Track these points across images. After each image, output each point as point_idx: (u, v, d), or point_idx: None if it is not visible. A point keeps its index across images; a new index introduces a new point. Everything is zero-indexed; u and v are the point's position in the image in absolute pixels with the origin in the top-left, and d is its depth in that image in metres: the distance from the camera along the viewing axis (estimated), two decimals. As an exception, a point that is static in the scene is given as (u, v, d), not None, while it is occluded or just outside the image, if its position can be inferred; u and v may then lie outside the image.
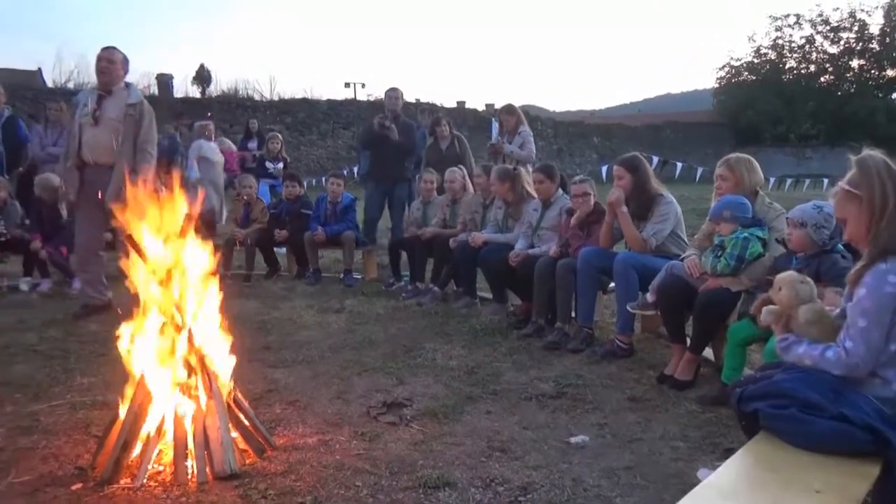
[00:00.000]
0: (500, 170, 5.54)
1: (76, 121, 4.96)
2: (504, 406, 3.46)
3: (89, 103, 4.95)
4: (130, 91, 5.11)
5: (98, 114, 4.90)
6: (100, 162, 4.94)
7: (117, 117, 4.91)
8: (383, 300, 5.93)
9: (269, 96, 24.52)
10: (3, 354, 4.21)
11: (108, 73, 4.93)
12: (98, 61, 4.94)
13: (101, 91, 4.97)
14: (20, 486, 2.57)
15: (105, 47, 4.99)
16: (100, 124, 4.91)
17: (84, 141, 4.92)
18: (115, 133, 4.90)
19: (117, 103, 4.95)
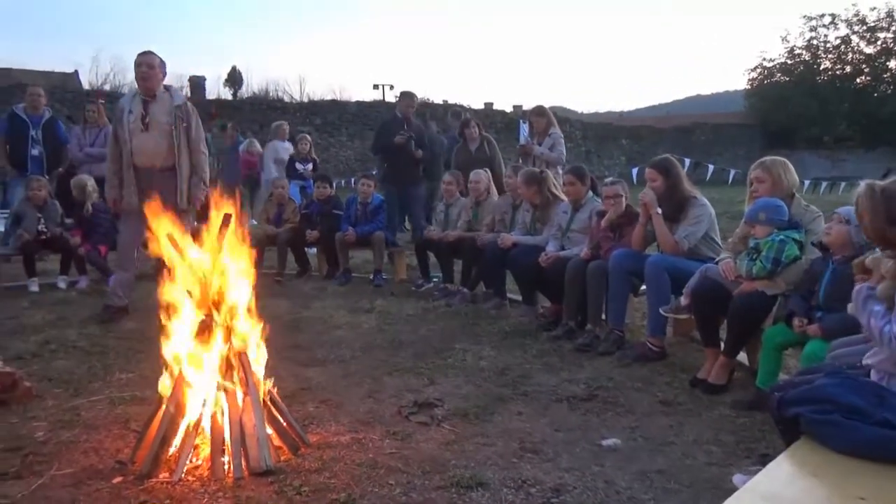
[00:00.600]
0: (527, 173, 5.54)
1: (125, 126, 4.97)
2: (535, 407, 3.46)
3: (135, 109, 4.99)
4: (173, 94, 5.17)
5: (147, 119, 4.95)
6: (156, 166, 4.99)
7: (168, 121, 4.98)
8: (413, 301, 5.96)
9: (299, 98, 24.81)
10: (44, 350, 4.31)
11: (150, 78, 4.97)
12: (138, 67, 4.97)
13: (145, 96, 5.02)
14: (63, 478, 2.64)
15: (143, 52, 5.03)
16: (150, 129, 4.96)
17: (135, 146, 4.96)
18: (167, 136, 4.97)
19: (164, 107, 5.01)
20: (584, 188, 5.14)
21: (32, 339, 4.54)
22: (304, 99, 24.96)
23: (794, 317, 3.19)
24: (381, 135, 7.63)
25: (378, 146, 7.76)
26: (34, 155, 7.13)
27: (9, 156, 7.31)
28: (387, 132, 7.52)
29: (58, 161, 7.39)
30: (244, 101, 23.25)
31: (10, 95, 17.17)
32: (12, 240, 6.18)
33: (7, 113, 7.69)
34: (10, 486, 2.56)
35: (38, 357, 4.19)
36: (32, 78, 20.64)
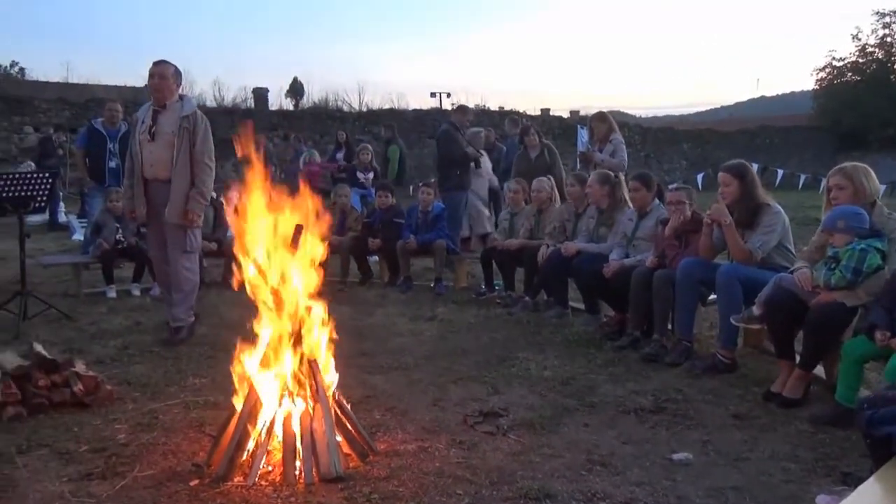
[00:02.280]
0: (602, 173, 5.48)
1: (136, 138, 4.88)
2: (602, 419, 3.41)
3: (147, 120, 4.87)
4: (184, 103, 4.94)
5: (154, 129, 4.80)
6: (159, 178, 4.82)
7: (172, 131, 4.77)
8: (474, 309, 5.96)
9: (358, 107, 25.19)
10: (122, 355, 4.50)
11: (161, 88, 4.82)
12: (150, 77, 4.83)
13: (156, 106, 4.86)
14: (144, 479, 2.74)
15: (156, 62, 4.86)
16: (156, 140, 4.80)
17: (144, 157, 4.83)
18: (170, 147, 4.77)
19: (171, 117, 4.82)
20: (649, 195, 5.05)
21: (111, 344, 4.74)
22: (362, 108, 25.34)
23: (875, 329, 3.05)
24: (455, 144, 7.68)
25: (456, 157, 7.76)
26: (112, 167, 7.46)
27: (88, 168, 7.68)
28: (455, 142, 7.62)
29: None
30: (305, 112, 23.75)
31: (86, 110, 18.06)
32: (92, 248, 6.48)
33: (86, 127, 8.09)
34: (96, 486, 2.68)
35: (117, 361, 4.36)
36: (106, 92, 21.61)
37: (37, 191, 5.30)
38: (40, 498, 2.59)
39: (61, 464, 2.89)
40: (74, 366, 3.62)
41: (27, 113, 17.87)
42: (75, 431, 3.22)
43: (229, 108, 21.36)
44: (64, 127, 15.98)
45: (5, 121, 17.43)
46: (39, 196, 5.34)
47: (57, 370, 3.53)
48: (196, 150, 4.80)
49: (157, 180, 4.83)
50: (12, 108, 17.78)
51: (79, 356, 4.07)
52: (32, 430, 3.21)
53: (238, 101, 23.02)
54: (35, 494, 2.61)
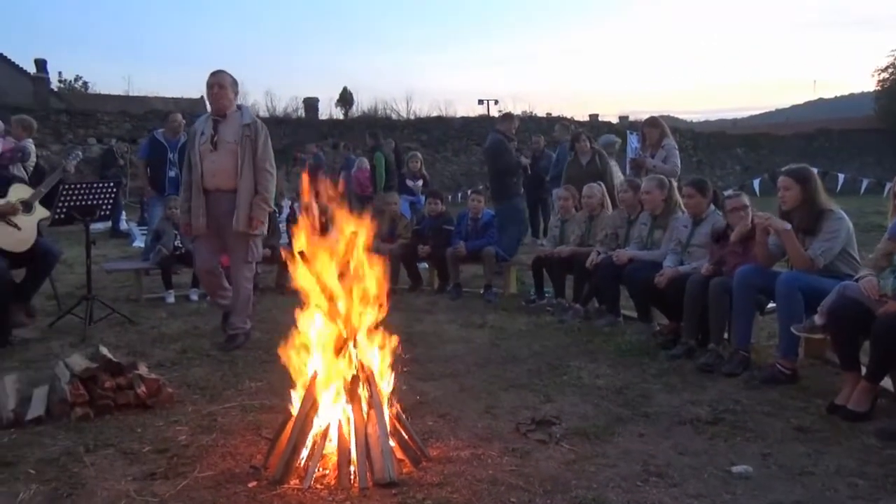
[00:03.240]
0: (659, 179, 5.41)
1: (196, 149, 4.88)
2: (657, 429, 3.35)
3: (206, 130, 4.89)
4: (244, 112, 5.00)
5: (216, 139, 4.83)
6: (221, 188, 4.85)
7: (234, 140, 4.82)
8: (524, 316, 5.93)
9: (406, 115, 25.39)
10: (182, 358, 4.63)
11: (221, 98, 4.85)
12: (210, 87, 4.86)
13: (216, 116, 4.90)
14: (204, 480, 2.81)
15: (214, 72, 4.90)
16: (218, 149, 4.82)
17: (205, 168, 4.85)
18: (234, 156, 4.81)
19: (232, 126, 4.86)
20: (704, 201, 4.95)
21: (171, 348, 4.89)
22: (410, 116, 25.53)
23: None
24: (508, 154, 7.78)
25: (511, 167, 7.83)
26: (171, 176, 7.70)
27: (149, 178, 7.95)
28: (507, 152, 7.76)
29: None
30: (354, 121, 24.07)
31: (145, 121, 18.72)
32: (153, 255, 6.70)
33: (148, 138, 8.38)
34: (159, 486, 2.76)
35: (177, 365, 4.49)
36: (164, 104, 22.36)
37: (102, 200, 5.52)
38: (107, 496, 2.68)
39: (126, 463, 2.99)
40: (138, 368, 3.74)
41: (90, 125, 18.62)
42: (139, 432, 3.33)
43: (281, 118, 21.82)
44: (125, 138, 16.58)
45: (70, 133, 18.19)
46: (105, 205, 5.56)
47: (122, 373, 3.65)
48: (258, 157, 4.87)
49: (219, 190, 4.86)
50: (77, 121, 18.57)
51: (141, 359, 4.20)
52: (99, 431, 3.33)
53: (289, 111, 23.49)
54: (102, 492, 2.70)
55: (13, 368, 4.31)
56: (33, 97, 20.59)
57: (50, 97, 22.04)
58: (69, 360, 3.80)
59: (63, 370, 3.70)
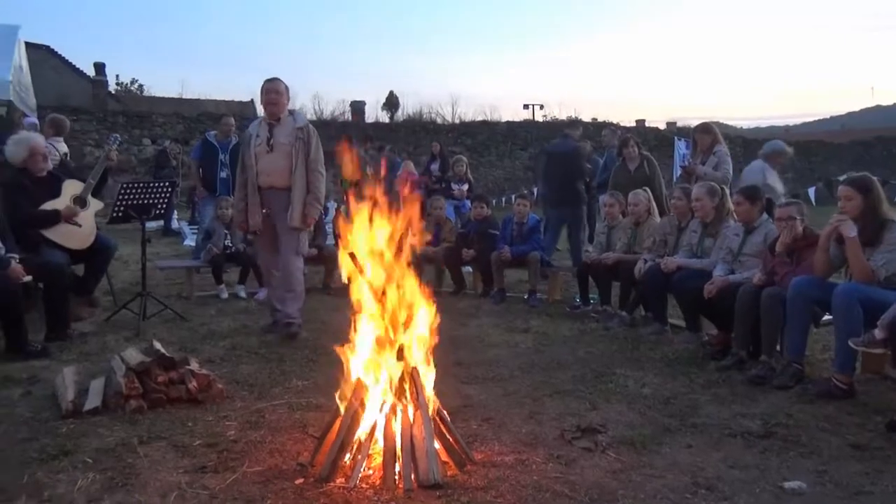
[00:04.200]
0: (711, 186, 5.31)
1: (251, 151, 5.17)
2: (706, 441, 3.28)
3: (261, 133, 5.18)
4: (296, 116, 5.32)
5: (272, 142, 5.13)
6: (276, 186, 5.14)
7: (289, 142, 5.12)
8: (569, 322, 5.89)
9: (451, 119, 25.49)
10: (231, 355, 4.73)
11: (277, 103, 5.16)
12: (266, 93, 5.17)
13: (271, 120, 5.20)
14: (253, 475, 2.86)
15: (270, 79, 5.22)
16: (274, 151, 5.13)
17: (260, 168, 5.15)
18: (288, 157, 5.10)
19: (286, 129, 5.16)
20: (754, 210, 4.83)
21: (221, 345, 4.99)
22: (455, 120, 25.63)
23: None
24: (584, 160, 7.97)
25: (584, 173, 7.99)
26: (222, 177, 7.90)
27: (201, 178, 8.15)
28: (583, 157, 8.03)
29: (241, 182, 8.12)
30: (399, 124, 24.27)
31: (198, 123, 19.22)
32: (203, 253, 6.86)
33: (200, 140, 8.60)
34: (209, 479, 2.82)
35: (226, 361, 4.59)
36: (216, 107, 22.91)
37: (158, 199, 5.68)
38: (159, 487, 2.75)
39: (178, 456, 3.06)
40: (189, 364, 3.83)
41: (145, 126, 19.21)
42: (189, 426, 3.40)
43: (328, 121, 22.14)
44: (178, 139, 17.03)
45: (126, 134, 18.77)
46: (160, 204, 5.72)
47: (174, 367, 3.75)
48: (310, 159, 5.16)
49: (274, 188, 5.16)
50: (132, 122, 19.18)
51: (192, 355, 4.31)
52: (152, 423, 3.42)
53: (336, 114, 23.85)
54: (155, 483, 2.78)
55: (72, 361, 4.46)
56: (92, 99, 21.37)
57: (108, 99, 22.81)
58: (124, 354, 3.92)
59: (119, 363, 3.82)
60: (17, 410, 3.60)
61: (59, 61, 25.32)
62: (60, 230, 5.31)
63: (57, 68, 24.49)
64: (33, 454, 3.03)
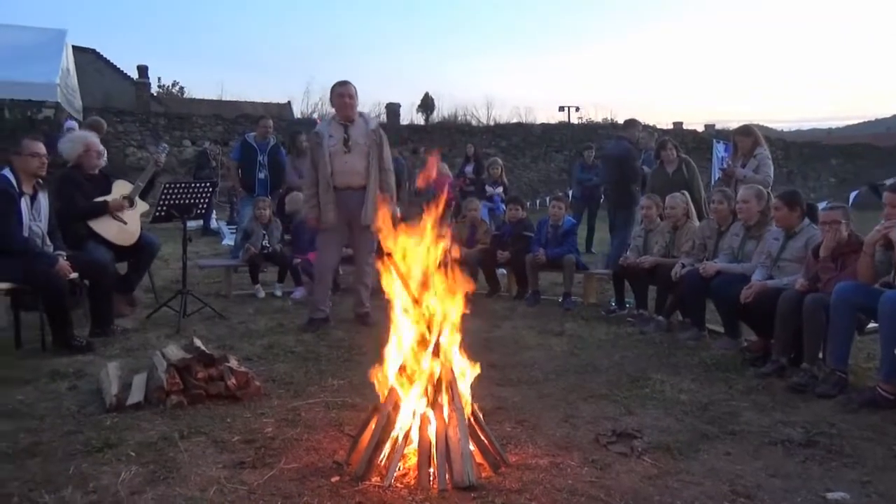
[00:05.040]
0: (758, 189, 5.23)
1: (325, 150, 5.40)
2: (745, 448, 3.22)
3: (335, 134, 5.44)
4: (368, 119, 5.63)
5: (349, 142, 5.41)
6: (352, 185, 5.43)
7: (365, 143, 5.42)
8: (604, 326, 5.84)
9: (486, 121, 25.48)
10: (268, 354, 4.80)
11: (351, 106, 5.45)
12: (340, 97, 5.44)
13: (344, 122, 5.46)
14: (290, 472, 2.90)
15: (342, 83, 5.49)
16: (351, 151, 5.40)
17: (336, 168, 5.40)
18: (364, 157, 5.41)
19: (361, 130, 5.46)
20: (792, 215, 4.72)
21: (258, 343, 5.07)
22: (490, 122, 25.62)
23: None
24: (635, 161, 7.91)
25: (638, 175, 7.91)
26: (260, 178, 8.04)
27: (240, 179, 8.29)
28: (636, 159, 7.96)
29: (278, 183, 8.25)
30: (434, 126, 24.34)
31: (236, 125, 19.55)
32: (242, 253, 6.98)
33: (240, 141, 8.75)
34: (247, 474, 2.87)
35: (263, 359, 4.66)
36: (254, 108, 23.29)
37: (199, 199, 5.80)
38: (199, 481, 2.80)
39: (217, 451, 3.12)
40: (228, 361, 3.90)
41: (185, 128, 19.61)
42: (228, 422, 3.46)
43: (364, 123, 22.26)
44: (217, 140, 17.35)
45: (167, 135, 19.20)
46: (201, 203, 5.84)
47: (213, 364, 3.82)
48: (384, 159, 5.51)
49: (350, 188, 5.43)
50: (173, 124, 19.60)
51: (230, 352, 4.38)
52: (192, 418, 3.49)
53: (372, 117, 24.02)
54: (195, 477, 2.83)
55: (115, 356, 4.58)
56: (135, 101, 21.86)
57: (150, 101, 23.32)
58: (166, 351, 4.01)
59: (160, 359, 3.91)
60: (64, 403, 3.70)
61: (104, 64, 25.97)
62: (108, 226, 5.47)
63: (102, 71, 25.13)
64: (79, 446, 3.12)
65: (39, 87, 10.92)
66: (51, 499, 2.63)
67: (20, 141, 4.90)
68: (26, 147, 4.74)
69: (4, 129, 14.72)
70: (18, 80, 10.75)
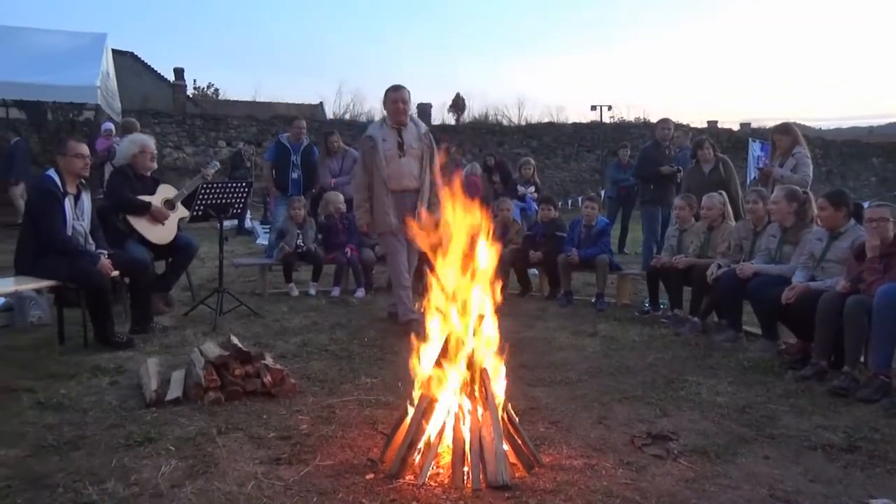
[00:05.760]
0: (790, 190, 5.13)
1: (380, 154, 5.47)
2: (784, 453, 3.17)
3: (388, 138, 5.52)
4: (418, 123, 5.72)
5: (404, 146, 5.51)
6: (408, 188, 5.53)
7: (418, 147, 5.55)
8: (637, 327, 5.78)
9: (517, 121, 25.40)
10: (302, 352, 4.85)
11: (405, 111, 5.56)
12: (394, 103, 5.52)
13: (397, 126, 5.55)
14: (325, 468, 2.93)
15: (396, 88, 5.57)
16: (406, 155, 5.51)
17: (391, 171, 5.48)
18: (418, 161, 5.54)
19: (413, 134, 5.58)
20: (838, 215, 4.62)
21: (292, 341, 5.13)
22: (521, 122, 25.53)
23: None
24: (645, 160, 7.94)
25: (644, 174, 7.94)
26: (294, 178, 8.12)
27: (274, 179, 8.39)
28: (645, 158, 7.96)
29: (311, 183, 8.33)
30: (465, 126, 24.33)
31: (270, 125, 19.79)
32: (276, 252, 7.07)
33: (274, 142, 8.86)
34: (283, 470, 2.91)
35: (298, 357, 4.71)
36: (287, 109, 23.54)
37: (235, 199, 5.89)
38: (237, 476, 2.85)
39: (253, 447, 3.16)
40: (264, 358, 3.95)
41: (220, 129, 19.92)
42: (264, 419, 3.51)
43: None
44: (251, 141, 17.54)
45: (203, 136, 19.54)
46: (237, 203, 5.94)
47: (250, 361, 3.87)
48: (434, 163, 5.63)
49: (405, 191, 5.55)
50: (209, 125, 19.92)
51: (266, 350, 4.44)
52: (229, 414, 3.55)
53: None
54: (233, 473, 2.88)
55: (154, 352, 4.68)
56: (172, 103, 22.29)
57: (186, 103, 23.75)
58: (203, 348, 4.08)
59: (198, 356, 3.98)
60: (106, 398, 3.79)
61: (142, 67, 26.52)
62: (146, 224, 5.61)
63: (140, 74, 25.65)
64: (121, 440, 3.19)
65: (81, 90, 11.22)
66: (94, 490, 2.69)
67: (64, 142, 5.04)
68: (71, 148, 4.87)
69: (48, 131, 15.13)
70: (61, 84, 11.06)
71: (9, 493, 2.68)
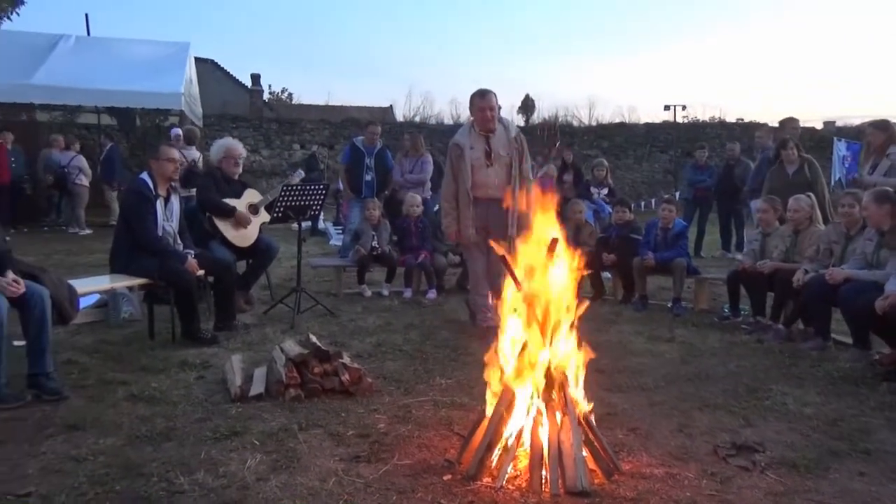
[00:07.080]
0: (882, 192, 4.85)
1: (467, 162, 5.31)
2: (881, 469, 3.01)
3: (476, 145, 5.34)
4: (508, 126, 5.46)
5: (492, 155, 5.32)
6: (494, 197, 5.28)
7: (507, 154, 5.31)
8: (717, 333, 5.60)
9: (588, 122, 25.03)
10: (377, 351, 4.92)
11: (493, 119, 5.33)
12: (482, 111, 5.31)
13: (485, 133, 5.34)
14: (403, 468, 2.97)
15: (483, 94, 5.34)
16: (494, 164, 5.32)
17: (477, 180, 5.31)
18: (507, 168, 5.29)
19: (502, 141, 5.34)
20: None
21: (367, 341, 5.21)
22: (592, 122, 25.13)
23: None
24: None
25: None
26: (367, 180, 8.26)
27: (349, 181, 8.57)
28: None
29: (384, 185, 8.46)
30: (534, 127, 24.15)
31: (343, 129, 20.21)
32: (352, 253, 7.21)
33: (349, 145, 9.04)
34: (363, 468, 2.97)
35: (373, 357, 4.78)
36: (359, 113, 23.98)
37: (313, 201, 6.05)
38: (319, 472, 2.92)
39: (333, 444, 3.23)
40: (342, 357, 4.04)
41: (295, 132, 20.46)
42: (343, 417, 3.59)
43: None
44: (324, 144, 18.02)
45: (278, 139, 20.11)
46: (315, 205, 6.09)
47: (329, 360, 3.96)
48: (524, 168, 5.38)
49: (492, 200, 5.30)
50: (283, 129, 20.49)
51: (343, 349, 4.53)
52: (309, 412, 3.64)
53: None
54: (315, 468, 2.95)
55: (237, 349, 4.85)
56: (249, 108, 23.06)
57: (263, 107, 24.53)
58: (284, 346, 4.20)
59: (279, 354, 4.09)
60: (194, 392, 3.96)
61: (221, 73, 27.58)
62: (230, 227, 5.85)
63: (219, 80, 26.67)
64: (208, 433, 3.33)
65: (166, 97, 11.80)
66: (186, 480, 2.82)
67: (157, 147, 5.30)
68: (163, 153, 5.12)
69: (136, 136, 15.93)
70: (148, 91, 11.66)
71: (107, 479, 2.83)
